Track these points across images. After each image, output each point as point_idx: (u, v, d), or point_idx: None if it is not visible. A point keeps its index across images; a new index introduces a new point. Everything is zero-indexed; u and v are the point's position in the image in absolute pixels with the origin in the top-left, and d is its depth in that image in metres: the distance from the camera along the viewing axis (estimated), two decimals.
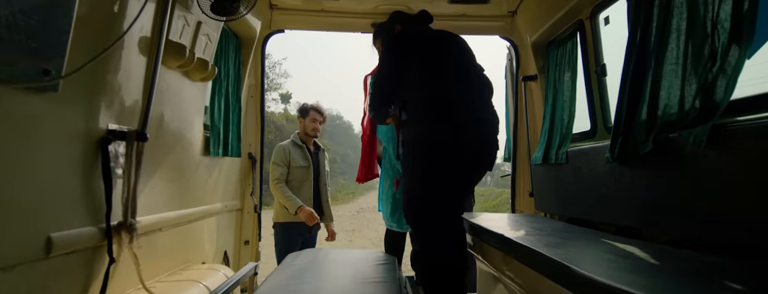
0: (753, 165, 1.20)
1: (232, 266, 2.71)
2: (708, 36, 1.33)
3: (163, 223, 1.79)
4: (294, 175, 3.06)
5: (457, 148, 1.82)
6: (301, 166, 3.07)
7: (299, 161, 3.08)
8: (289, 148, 3.11)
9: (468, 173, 1.95)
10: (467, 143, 1.84)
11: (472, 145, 1.87)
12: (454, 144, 1.81)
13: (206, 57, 1.99)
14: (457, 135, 1.82)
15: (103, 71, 1.36)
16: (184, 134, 2.02)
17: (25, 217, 1.10)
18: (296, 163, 3.07)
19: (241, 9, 1.81)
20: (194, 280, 1.78)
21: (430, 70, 1.93)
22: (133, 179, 1.47)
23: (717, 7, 1.30)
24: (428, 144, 1.84)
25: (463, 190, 1.99)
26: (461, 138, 1.82)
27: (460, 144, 1.82)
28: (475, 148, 1.88)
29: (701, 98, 1.35)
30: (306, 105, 3.31)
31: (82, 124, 1.30)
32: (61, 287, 1.24)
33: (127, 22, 1.40)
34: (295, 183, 3.05)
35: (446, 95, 1.88)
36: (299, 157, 3.10)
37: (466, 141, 1.84)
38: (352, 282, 1.81)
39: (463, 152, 1.83)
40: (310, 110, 3.25)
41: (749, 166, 1.21)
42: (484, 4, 2.70)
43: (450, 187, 1.86)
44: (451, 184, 1.86)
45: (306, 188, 3.07)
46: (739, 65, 1.23)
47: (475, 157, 1.89)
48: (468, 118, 1.87)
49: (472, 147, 1.86)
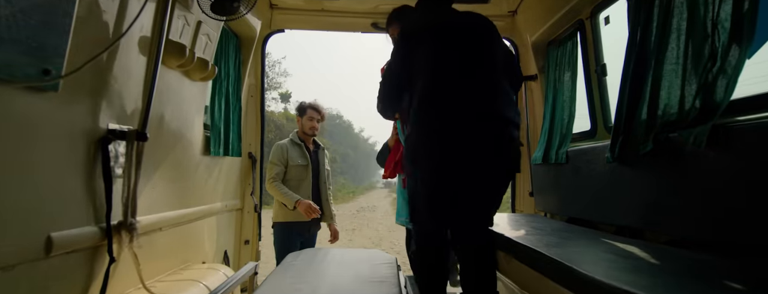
0: (753, 165, 1.20)
1: (232, 266, 2.71)
2: (708, 36, 1.33)
3: (164, 222, 1.79)
4: (292, 173, 3.04)
5: (444, 151, 1.68)
6: (299, 164, 3.05)
7: (297, 160, 3.06)
8: (287, 146, 3.09)
9: (461, 178, 1.72)
10: (459, 143, 1.68)
11: (467, 144, 1.68)
12: (440, 147, 1.68)
13: (206, 57, 1.99)
14: (447, 135, 1.68)
15: (103, 71, 1.36)
16: (185, 134, 2.02)
17: (26, 217, 1.10)
18: (294, 161, 3.04)
19: (241, 9, 1.80)
20: (194, 280, 1.78)
21: (432, 65, 1.76)
22: (134, 179, 1.47)
23: (717, 7, 1.30)
24: (414, 148, 1.77)
25: (456, 194, 1.75)
26: (450, 138, 1.68)
27: (448, 145, 1.68)
28: (470, 147, 1.68)
29: (701, 98, 1.35)
30: (303, 103, 3.26)
31: (83, 123, 1.30)
32: (62, 287, 1.24)
33: (128, 22, 1.40)
34: (294, 182, 3.03)
35: (441, 91, 1.71)
36: (297, 155, 3.07)
37: (458, 140, 1.67)
38: (352, 282, 1.81)
39: (450, 155, 1.68)
40: (307, 108, 3.20)
41: (750, 166, 1.21)
42: (484, 3, 2.70)
43: (438, 193, 1.74)
44: (439, 190, 1.74)
45: (305, 187, 3.05)
46: (739, 65, 1.23)
47: (471, 157, 1.69)
48: (467, 114, 1.68)
49: (465, 147, 1.68)
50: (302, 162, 3.08)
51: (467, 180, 1.72)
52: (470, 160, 1.68)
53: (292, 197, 2.93)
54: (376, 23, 2.89)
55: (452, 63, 1.73)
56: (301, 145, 3.15)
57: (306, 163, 3.09)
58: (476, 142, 1.68)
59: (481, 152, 1.68)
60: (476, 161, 1.69)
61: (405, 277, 2.05)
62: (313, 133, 3.21)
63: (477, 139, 1.68)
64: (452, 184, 1.73)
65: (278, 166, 3.02)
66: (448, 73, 1.73)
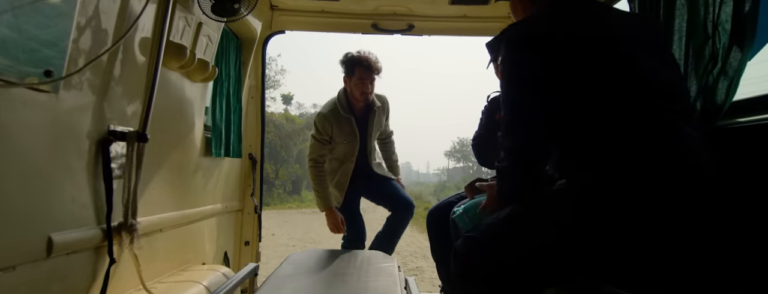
0: (754, 166, 1.20)
1: (232, 267, 2.71)
2: (709, 37, 1.33)
3: (164, 223, 1.79)
4: (338, 151, 2.65)
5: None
6: (345, 142, 2.63)
7: (343, 137, 2.59)
8: (331, 119, 2.58)
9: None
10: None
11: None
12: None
13: (207, 58, 1.99)
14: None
15: (104, 72, 1.36)
16: (185, 135, 2.02)
17: (26, 218, 1.10)
18: (339, 138, 2.59)
19: (241, 10, 1.81)
20: (194, 281, 1.79)
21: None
22: (134, 180, 1.47)
23: (718, 9, 1.30)
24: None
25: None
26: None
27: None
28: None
29: (702, 100, 1.35)
30: (352, 57, 2.54)
31: (83, 124, 1.30)
32: (62, 288, 1.24)
33: (128, 23, 1.41)
34: (336, 163, 2.67)
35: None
36: (343, 131, 2.58)
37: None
38: (352, 282, 1.81)
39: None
40: (356, 66, 2.48)
41: (751, 167, 1.21)
42: (484, 5, 2.70)
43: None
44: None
45: (344, 169, 2.64)
46: (740, 67, 1.24)
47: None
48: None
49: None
50: (349, 139, 2.57)
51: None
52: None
53: (322, 201, 2.60)
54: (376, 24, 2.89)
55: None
56: (349, 117, 2.57)
57: (354, 139, 2.57)
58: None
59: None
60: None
61: (405, 277, 2.05)
62: (366, 99, 2.59)
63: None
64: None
65: (320, 145, 2.58)
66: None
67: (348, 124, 2.60)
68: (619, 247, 1.06)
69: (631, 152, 1.05)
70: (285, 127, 20.53)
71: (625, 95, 1.10)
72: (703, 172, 1.06)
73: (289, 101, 26.75)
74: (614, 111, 1.09)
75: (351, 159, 2.64)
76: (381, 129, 2.80)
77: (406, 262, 5.89)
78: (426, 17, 2.79)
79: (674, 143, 1.06)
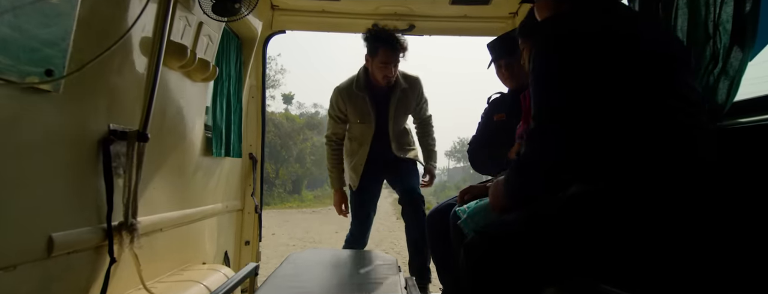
0: (755, 166, 1.20)
1: (232, 267, 2.71)
2: (710, 37, 1.33)
3: (164, 223, 1.79)
4: (354, 132, 2.55)
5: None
6: (359, 122, 2.51)
7: (357, 116, 2.46)
8: (345, 95, 2.44)
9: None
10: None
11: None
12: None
13: (207, 58, 1.99)
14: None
15: (104, 71, 1.36)
16: (185, 134, 2.02)
17: (27, 217, 1.10)
18: (354, 118, 2.47)
19: (242, 10, 1.81)
20: (195, 281, 1.79)
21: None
22: (134, 179, 1.47)
23: (718, 9, 1.30)
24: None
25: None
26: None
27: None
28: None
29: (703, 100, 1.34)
30: (377, 33, 2.31)
31: (84, 124, 1.30)
32: (62, 287, 1.24)
33: (129, 23, 1.41)
34: (354, 144, 2.56)
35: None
36: (358, 110, 2.46)
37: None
38: (352, 282, 1.81)
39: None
40: (380, 47, 2.25)
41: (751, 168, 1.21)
42: (485, 5, 2.70)
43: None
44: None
45: (362, 152, 2.50)
46: (741, 67, 1.23)
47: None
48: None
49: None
50: (364, 119, 2.42)
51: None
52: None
53: (332, 181, 2.51)
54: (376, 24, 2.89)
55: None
56: (364, 95, 2.39)
57: (369, 120, 2.42)
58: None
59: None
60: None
61: (405, 277, 2.05)
62: (389, 83, 2.37)
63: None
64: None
65: (334, 122, 2.47)
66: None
67: (362, 102, 2.41)
68: (623, 248, 1.06)
69: (652, 158, 1.04)
70: (285, 126, 20.54)
71: (656, 99, 1.07)
72: (716, 176, 1.07)
73: (289, 101, 26.77)
74: (644, 115, 1.06)
75: (367, 141, 2.47)
76: (410, 112, 2.58)
77: (405, 262, 5.88)
78: (426, 17, 2.79)
79: (692, 149, 1.07)
